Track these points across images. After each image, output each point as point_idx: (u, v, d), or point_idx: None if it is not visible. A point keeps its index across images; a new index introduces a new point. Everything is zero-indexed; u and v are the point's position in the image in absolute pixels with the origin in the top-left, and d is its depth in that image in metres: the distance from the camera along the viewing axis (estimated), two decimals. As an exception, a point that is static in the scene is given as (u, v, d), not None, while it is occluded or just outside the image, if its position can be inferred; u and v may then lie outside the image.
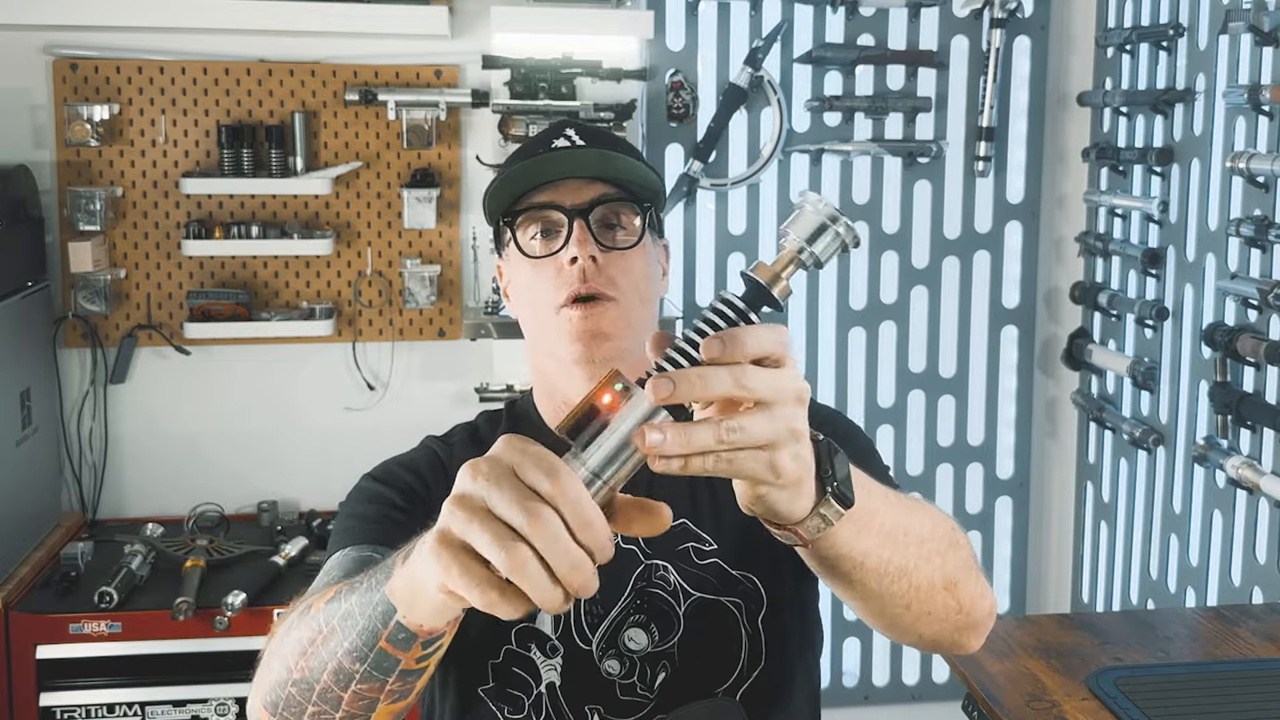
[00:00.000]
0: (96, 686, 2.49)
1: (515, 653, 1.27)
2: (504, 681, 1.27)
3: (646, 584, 1.28)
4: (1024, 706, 1.75)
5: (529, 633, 1.27)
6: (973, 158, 3.13)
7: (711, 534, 1.31)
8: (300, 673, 0.99)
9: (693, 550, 1.30)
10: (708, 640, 1.28)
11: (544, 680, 1.27)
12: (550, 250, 1.28)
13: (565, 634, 1.27)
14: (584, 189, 1.29)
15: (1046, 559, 3.36)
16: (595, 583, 0.77)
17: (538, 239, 1.30)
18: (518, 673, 1.27)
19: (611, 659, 1.27)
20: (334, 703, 0.97)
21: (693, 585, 1.29)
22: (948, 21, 3.09)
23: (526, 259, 1.30)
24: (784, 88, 3.05)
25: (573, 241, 1.27)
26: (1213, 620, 2.09)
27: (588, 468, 0.81)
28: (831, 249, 0.85)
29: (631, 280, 1.29)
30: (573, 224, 1.27)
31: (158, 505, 2.98)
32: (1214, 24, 2.57)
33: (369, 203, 3.00)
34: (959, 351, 3.23)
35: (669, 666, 1.27)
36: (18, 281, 2.72)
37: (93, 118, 2.82)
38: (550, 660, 1.27)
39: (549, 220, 1.29)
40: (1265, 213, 2.37)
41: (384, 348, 3.06)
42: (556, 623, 1.27)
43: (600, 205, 1.29)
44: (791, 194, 3.11)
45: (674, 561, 1.29)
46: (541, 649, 1.27)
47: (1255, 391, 2.42)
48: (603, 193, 1.29)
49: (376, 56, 2.96)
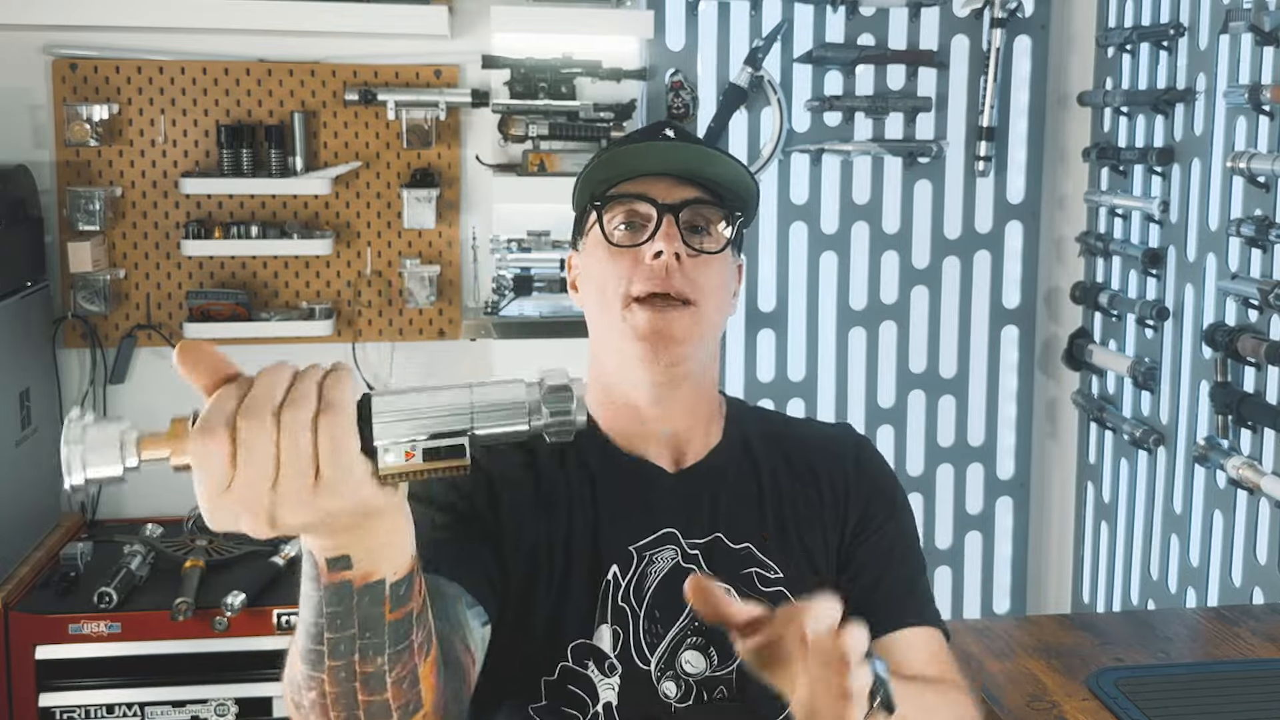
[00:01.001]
0: (96, 687, 2.49)
1: (572, 670, 1.23)
2: (559, 700, 1.22)
3: None
4: (1024, 706, 1.75)
5: (586, 650, 1.23)
6: (973, 158, 3.13)
7: (778, 561, 1.28)
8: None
9: (757, 576, 1.27)
10: None
11: (601, 700, 1.22)
12: (635, 241, 1.25)
13: (624, 652, 1.23)
14: (677, 188, 1.26)
15: (1047, 559, 3.36)
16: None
17: (622, 229, 1.27)
18: (574, 691, 1.22)
19: (669, 681, 1.24)
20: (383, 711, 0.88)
21: None
22: (948, 21, 3.08)
23: (608, 246, 1.26)
24: (784, 88, 3.04)
25: (660, 236, 1.24)
26: (1213, 620, 2.08)
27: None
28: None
29: (711, 287, 1.26)
30: (662, 219, 1.24)
31: (157, 505, 2.97)
32: (1214, 24, 2.56)
33: (369, 203, 3.00)
34: (959, 352, 3.23)
35: (725, 692, 1.24)
36: (17, 281, 2.72)
37: (92, 118, 2.82)
38: (608, 679, 1.23)
39: (636, 212, 1.26)
40: (1266, 213, 2.36)
41: (384, 348, 3.06)
42: (615, 640, 1.24)
43: (692, 205, 1.26)
44: (792, 194, 3.11)
45: (738, 586, 1.24)
46: (600, 667, 1.23)
47: (1256, 392, 2.41)
48: (696, 194, 1.27)
49: (376, 56, 2.96)
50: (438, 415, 0.78)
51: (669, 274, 1.23)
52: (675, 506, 1.28)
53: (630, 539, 1.26)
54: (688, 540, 1.27)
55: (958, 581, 3.30)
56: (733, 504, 1.30)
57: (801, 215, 3.12)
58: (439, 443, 0.77)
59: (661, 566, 1.26)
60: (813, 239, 3.12)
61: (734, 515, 1.29)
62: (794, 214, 3.11)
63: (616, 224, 1.27)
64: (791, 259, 3.12)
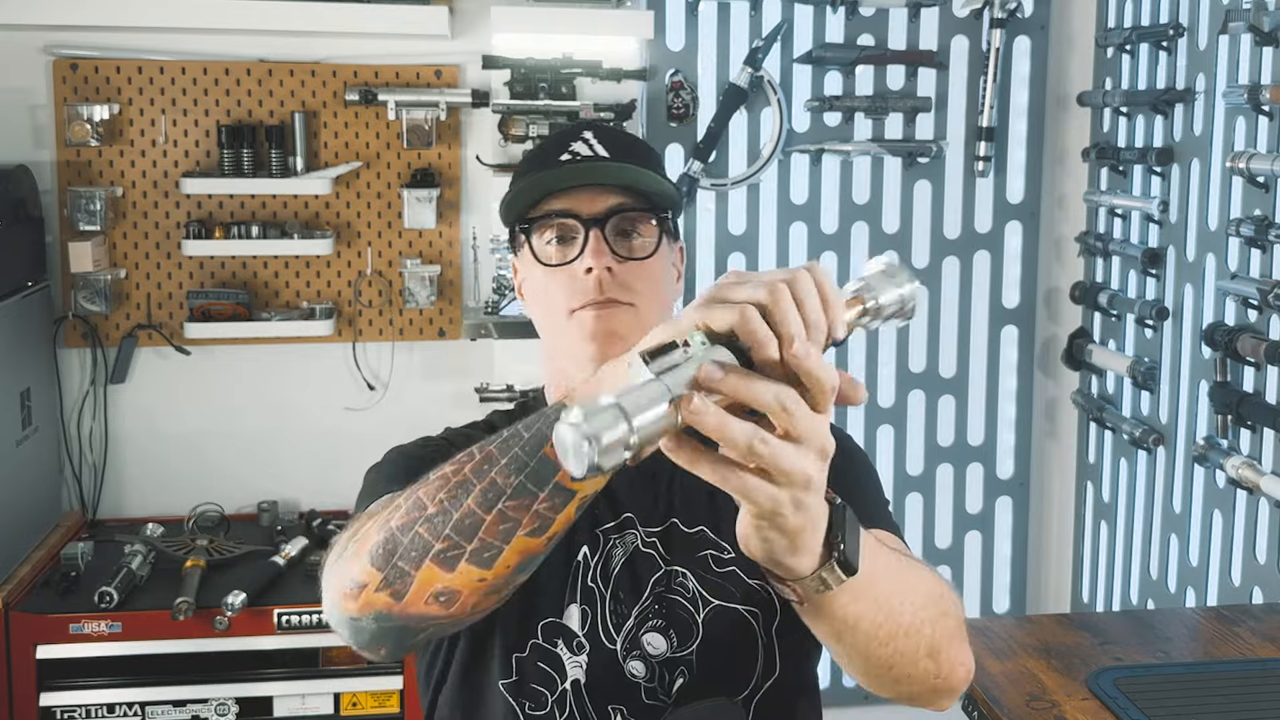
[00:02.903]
0: (96, 686, 2.49)
1: (541, 647, 1.26)
2: (528, 676, 1.26)
3: (665, 589, 1.28)
4: (1024, 706, 1.75)
5: (556, 628, 1.27)
6: (973, 158, 3.13)
7: (730, 542, 1.30)
8: (437, 506, 0.99)
9: (711, 558, 1.30)
10: (726, 648, 1.28)
11: (569, 677, 1.26)
12: (565, 259, 1.28)
13: (591, 632, 1.27)
14: (600, 198, 1.29)
15: (1046, 559, 3.36)
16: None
17: (553, 244, 1.30)
18: (543, 668, 1.26)
19: (636, 660, 1.27)
20: (471, 530, 0.97)
21: (711, 593, 1.29)
22: (948, 21, 3.09)
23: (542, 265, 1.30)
24: (784, 88, 3.05)
25: (588, 252, 1.27)
26: (1213, 620, 2.09)
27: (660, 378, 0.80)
28: (889, 318, 0.92)
29: (648, 287, 1.29)
30: (589, 234, 1.27)
31: (158, 505, 2.98)
32: (1214, 24, 2.57)
33: (369, 203, 3.00)
34: (959, 351, 3.23)
35: (686, 673, 1.27)
36: (18, 281, 2.72)
37: (93, 118, 2.82)
38: (576, 658, 1.26)
39: (565, 227, 1.29)
40: (1265, 213, 2.36)
41: (384, 348, 3.06)
42: (584, 620, 1.27)
43: (616, 214, 1.29)
44: (792, 194, 3.11)
45: (693, 569, 1.29)
46: (569, 645, 1.26)
47: (1255, 391, 2.42)
48: (619, 202, 1.29)
49: (376, 56, 2.96)
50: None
51: (602, 287, 1.26)
52: (633, 495, 1.32)
53: (596, 523, 1.30)
54: (644, 528, 1.31)
55: (957, 581, 3.30)
56: (685, 491, 1.32)
57: (801, 215, 3.12)
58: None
59: (624, 550, 1.30)
60: (813, 239, 3.12)
61: (687, 501, 1.32)
62: (794, 214, 3.11)
63: (546, 241, 1.30)
64: (791, 259, 3.12)
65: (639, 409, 0.77)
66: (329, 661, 2.53)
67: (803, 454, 0.83)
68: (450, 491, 0.99)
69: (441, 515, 0.98)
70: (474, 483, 0.98)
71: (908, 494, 3.26)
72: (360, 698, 2.56)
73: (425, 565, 0.99)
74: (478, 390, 2.88)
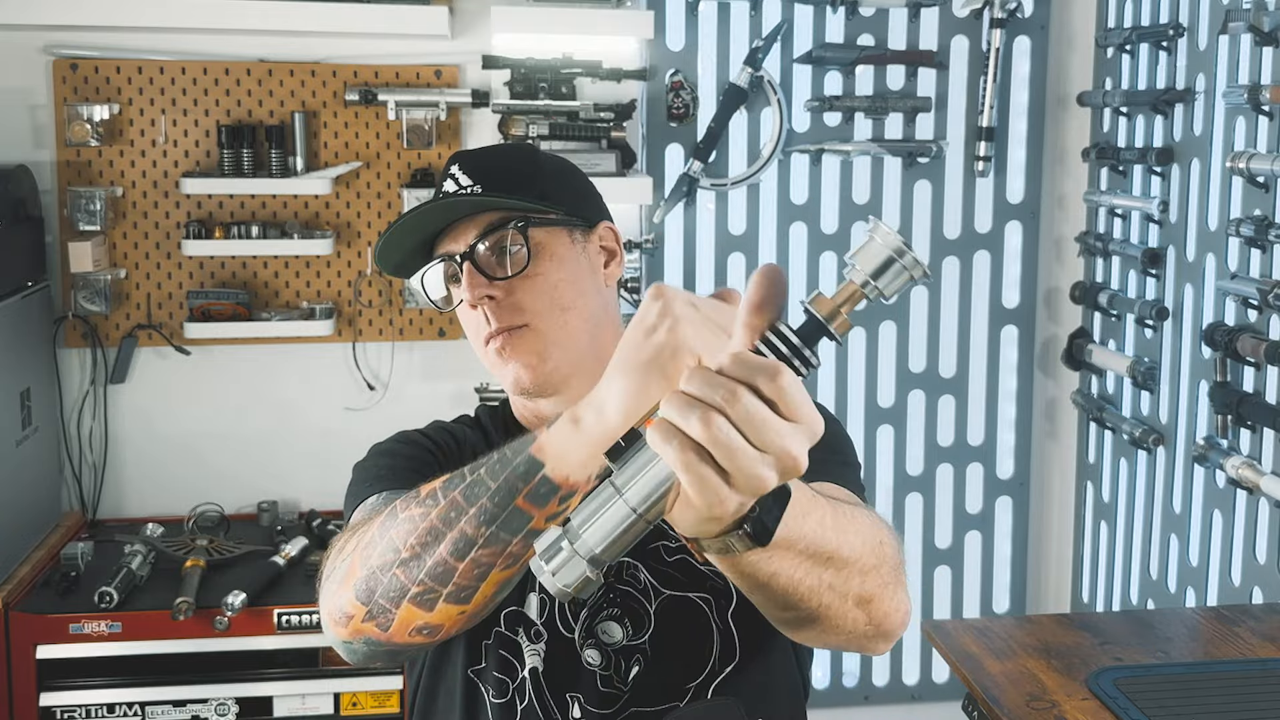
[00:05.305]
0: (96, 686, 2.49)
1: (504, 635, 1.30)
2: (491, 664, 1.30)
3: (617, 580, 1.30)
4: (1024, 706, 1.75)
5: (517, 617, 1.29)
6: (973, 158, 3.13)
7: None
8: (410, 551, 1.01)
9: (662, 549, 1.31)
10: (679, 636, 1.29)
11: (528, 665, 1.28)
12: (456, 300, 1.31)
13: (549, 620, 1.29)
14: (467, 229, 1.29)
15: (1046, 559, 3.36)
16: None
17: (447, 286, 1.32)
18: (505, 655, 1.30)
19: (592, 649, 1.29)
20: (445, 577, 1.00)
21: (662, 583, 1.30)
22: (948, 21, 3.09)
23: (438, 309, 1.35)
24: (784, 88, 3.05)
25: (465, 286, 1.28)
26: (1212, 620, 2.09)
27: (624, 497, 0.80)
28: (897, 284, 0.81)
29: (543, 298, 1.29)
30: (462, 267, 1.29)
31: (158, 505, 2.98)
32: (1214, 24, 2.57)
33: (369, 203, 3.00)
34: (959, 351, 3.23)
35: (642, 660, 1.29)
36: (18, 281, 2.72)
37: (93, 118, 2.82)
38: (534, 645, 1.29)
39: (450, 267, 1.31)
40: (1265, 213, 2.37)
41: (384, 348, 3.06)
42: (542, 608, 1.29)
43: (479, 240, 1.28)
44: (792, 194, 3.11)
45: (644, 560, 1.30)
46: (528, 634, 1.29)
47: (1255, 391, 2.42)
48: (483, 227, 1.29)
49: (376, 56, 2.96)
50: None
51: (491, 318, 1.28)
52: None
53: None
54: None
55: (957, 581, 3.30)
56: None
57: (801, 215, 3.12)
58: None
59: None
60: (812, 239, 3.12)
61: None
62: (794, 214, 3.11)
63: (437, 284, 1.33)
64: (791, 259, 3.13)
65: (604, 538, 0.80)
66: (329, 661, 2.53)
67: (768, 464, 0.78)
68: (420, 539, 1.01)
69: (415, 561, 1.02)
70: (443, 531, 1.00)
71: (908, 494, 3.26)
72: (360, 698, 2.56)
73: (404, 605, 1.03)
74: (477, 390, 2.88)
